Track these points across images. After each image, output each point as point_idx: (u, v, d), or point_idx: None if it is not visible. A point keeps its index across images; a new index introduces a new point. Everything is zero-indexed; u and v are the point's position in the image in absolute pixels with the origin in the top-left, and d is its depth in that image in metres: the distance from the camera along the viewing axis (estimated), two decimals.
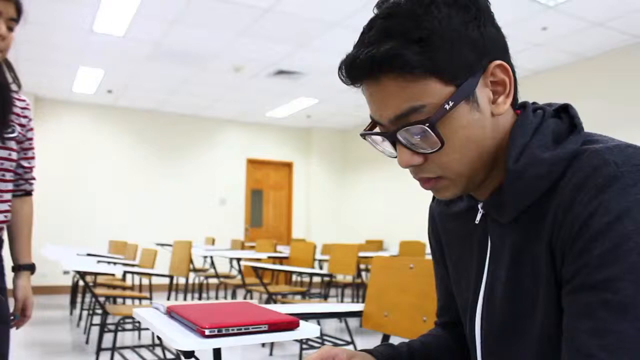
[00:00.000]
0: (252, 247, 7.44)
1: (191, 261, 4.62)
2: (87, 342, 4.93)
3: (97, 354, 4.05)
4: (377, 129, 0.79)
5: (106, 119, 9.10)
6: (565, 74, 6.34)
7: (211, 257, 6.81)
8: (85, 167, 8.83)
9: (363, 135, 0.82)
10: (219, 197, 9.92)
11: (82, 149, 8.84)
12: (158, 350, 4.48)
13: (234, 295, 6.10)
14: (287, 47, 6.03)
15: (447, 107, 0.70)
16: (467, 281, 0.88)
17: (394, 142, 0.76)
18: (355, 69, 0.74)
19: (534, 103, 0.81)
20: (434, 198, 1.02)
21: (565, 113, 0.77)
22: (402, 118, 0.72)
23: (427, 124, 0.70)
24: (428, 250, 4.53)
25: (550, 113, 0.77)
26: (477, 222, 0.84)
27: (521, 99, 0.82)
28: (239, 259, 5.82)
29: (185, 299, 5.31)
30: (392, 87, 0.71)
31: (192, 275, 7.48)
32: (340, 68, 0.76)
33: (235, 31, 5.61)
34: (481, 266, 0.84)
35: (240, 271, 5.68)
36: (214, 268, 6.78)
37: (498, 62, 0.73)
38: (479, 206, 0.83)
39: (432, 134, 0.71)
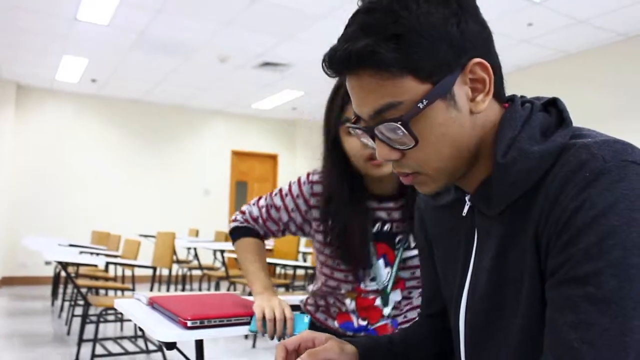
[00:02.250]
0: None
1: (174, 253, 4.60)
2: (68, 333, 4.89)
3: (79, 345, 4.03)
4: (360, 124, 0.80)
5: (90, 108, 9.00)
6: (551, 70, 6.38)
7: (195, 249, 6.79)
8: (68, 157, 8.74)
9: (347, 129, 0.82)
10: (203, 188, 9.87)
11: (65, 138, 8.74)
12: (140, 342, 4.47)
13: (217, 287, 6.09)
14: (273, 38, 6.00)
15: (420, 105, 0.70)
16: (453, 273, 0.88)
17: (373, 137, 0.77)
18: (335, 64, 0.75)
19: (522, 97, 0.81)
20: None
21: (553, 107, 0.77)
22: (379, 114, 0.73)
23: (400, 122, 0.70)
24: None
25: (539, 107, 0.77)
26: (464, 214, 0.84)
27: (507, 93, 0.82)
28: (222, 251, 5.81)
29: (168, 290, 5.30)
30: (370, 83, 0.72)
31: (175, 266, 7.44)
32: (323, 60, 0.77)
33: (221, 22, 5.57)
34: (467, 258, 0.84)
35: (224, 263, 5.67)
36: (198, 260, 6.76)
37: (477, 60, 0.72)
38: (467, 198, 0.83)
39: (406, 132, 0.71)
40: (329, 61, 0.75)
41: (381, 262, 1.40)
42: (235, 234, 1.59)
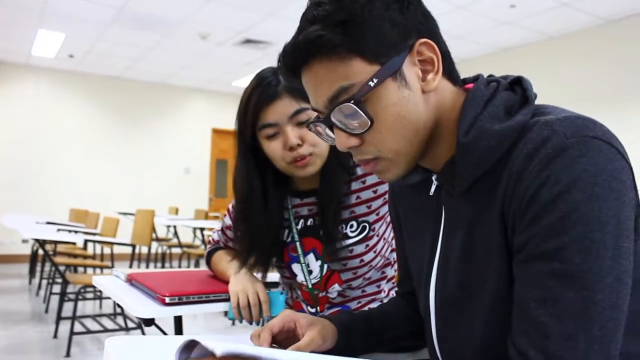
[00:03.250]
0: (216, 217, 7.41)
1: (154, 230, 4.59)
2: (46, 311, 4.87)
3: (57, 323, 4.01)
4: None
5: (68, 84, 8.84)
6: (532, 52, 6.41)
7: (174, 227, 6.76)
8: (45, 133, 8.60)
9: (308, 128, 0.86)
10: (183, 166, 9.81)
11: (42, 114, 8.59)
12: (119, 319, 4.46)
13: (197, 265, 6.10)
14: (255, 15, 5.93)
15: (371, 84, 0.72)
16: (421, 251, 0.90)
17: (332, 127, 0.79)
18: (287, 58, 0.79)
19: (489, 76, 0.83)
20: None
21: (518, 86, 0.79)
22: (334, 100, 0.75)
23: (352, 101, 0.73)
24: None
25: (505, 85, 0.79)
26: (431, 193, 0.85)
27: (488, 75, 0.83)
28: (202, 229, 5.80)
29: (147, 268, 5.29)
30: (322, 70, 0.75)
31: (154, 244, 7.42)
32: (278, 61, 0.81)
33: None
34: (435, 237, 0.86)
35: (203, 241, 5.66)
36: (177, 238, 6.74)
37: (423, 40, 0.75)
38: (433, 178, 0.85)
39: (360, 111, 0.73)
40: (283, 58, 0.79)
41: (311, 256, 1.39)
42: (207, 258, 1.60)
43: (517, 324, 0.68)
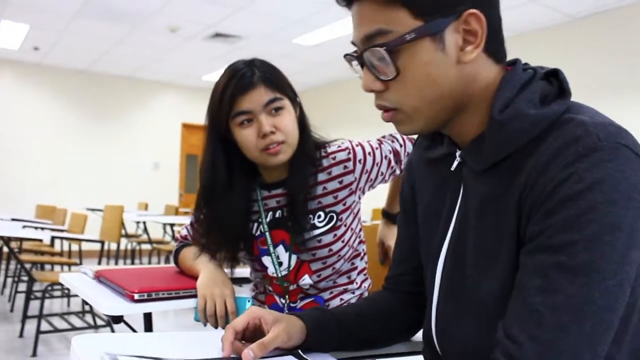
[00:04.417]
0: (186, 213, 7.34)
1: (123, 226, 4.52)
2: (11, 310, 4.76)
3: (23, 322, 3.93)
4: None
5: (33, 77, 8.63)
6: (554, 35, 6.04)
7: (144, 223, 6.69)
8: (9, 128, 8.38)
9: (345, 58, 0.85)
10: (152, 161, 9.68)
11: (6, 108, 8.37)
12: (88, 317, 4.39)
13: (167, 262, 6.04)
14: (225, 9, 5.87)
15: (407, 37, 0.73)
16: (434, 226, 0.90)
17: (363, 65, 0.80)
18: None
19: (525, 64, 0.83)
20: (414, 145, 1.04)
21: (554, 78, 0.79)
22: (370, 39, 0.76)
23: (384, 47, 0.74)
24: None
25: (541, 75, 0.79)
26: (452, 169, 0.86)
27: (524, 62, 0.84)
28: (172, 225, 5.75)
29: (116, 264, 5.22)
30: (368, 8, 0.76)
31: (124, 241, 7.32)
32: None
33: None
34: (450, 213, 0.86)
35: (174, 237, 5.61)
36: (147, 234, 6.66)
37: (473, 10, 0.74)
38: (457, 154, 0.85)
39: (389, 60, 0.74)
40: None
41: (281, 248, 1.41)
42: (175, 254, 1.59)
43: (512, 308, 0.69)
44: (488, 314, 0.76)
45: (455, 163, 0.85)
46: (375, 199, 2.50)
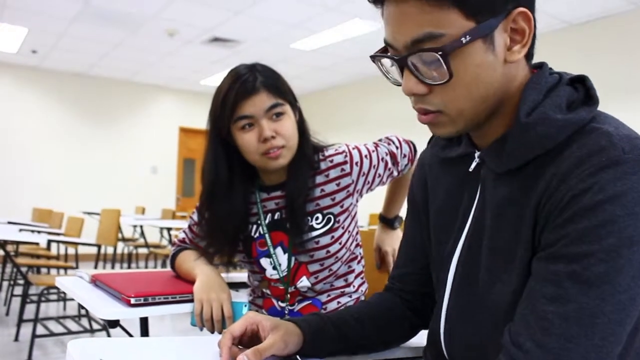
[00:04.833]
0: (183, 217, 7.33)
1: (120, 230, 4.51)
2: (7, 313, 4.74)
3: (18, 325, 3.91)
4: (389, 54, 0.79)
5: (31, 81, 8.62)
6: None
7: (141, 227, 6.66)
8: (7, 131, 8.37)
9: (373, 58, 0.81)
10: (150, 165, 9.67)
11: (4, 112, 8.36)
12: (84, 321, 4.37)
13: (164, 266, 6.02)
14: (224, 13, 5.88)
15: (463, 40, 0.70)
16: (448, 225, 0.89)
17: (403, 68, 0.76)
18: None
19: (550, 68, 0.82)
20: (427, 144, 1.03)
21: (580, 84, 0.78)
22: (417, 43, 0.72)
23: (441, 52, 0.70)
24: None
25: (566, 80, 0.78)
26: (470, 170, 0.85)
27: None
28: (169, 229, 5.73)
29: (113, 268, 5.20)
30: (414, 9, 0.71)
31: (120, 244, 7.30)
32: None
33: None
34: (466, 214, 0.85)
35: (170, 241, 5.60)
36: (144, 238, 6.64)
37: (522, 9, 0.73)
38: (476, 155, 0.84)
39: (443, 64, 0.70)
40: None
41: (279, 249, 1.42)
42: (172, 258, 1.58)
43: (521, 314, 0.69)
44: (499, 317, 0.76)
45: (474, 164, 0.84)
46: (372, 203, 2.51)
